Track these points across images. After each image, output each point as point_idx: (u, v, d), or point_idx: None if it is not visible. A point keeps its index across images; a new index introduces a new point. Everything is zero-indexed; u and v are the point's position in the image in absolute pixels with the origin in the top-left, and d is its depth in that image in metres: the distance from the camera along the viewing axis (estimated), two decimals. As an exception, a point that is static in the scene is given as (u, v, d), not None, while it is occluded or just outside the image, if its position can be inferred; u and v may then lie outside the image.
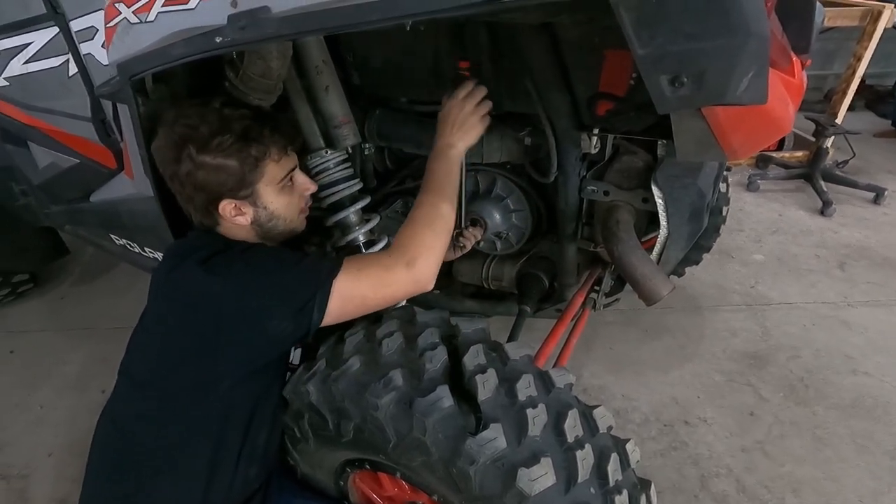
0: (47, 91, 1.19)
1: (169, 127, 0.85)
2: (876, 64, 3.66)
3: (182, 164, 0.84)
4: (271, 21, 0.66)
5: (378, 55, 1.14)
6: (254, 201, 0.89)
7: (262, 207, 0.90)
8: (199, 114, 0.84)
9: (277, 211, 0.92)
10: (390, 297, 0.87)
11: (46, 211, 1.66)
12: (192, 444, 0.88)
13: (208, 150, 0.83)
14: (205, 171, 0.84)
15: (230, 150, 0.83)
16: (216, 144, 0.82)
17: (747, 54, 0.54)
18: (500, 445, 0.71)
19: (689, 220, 1.05)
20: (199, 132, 0.83)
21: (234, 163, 0.84)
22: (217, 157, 0.83)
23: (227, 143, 0.83)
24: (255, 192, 0.89)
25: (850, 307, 2.12)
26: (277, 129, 0.89)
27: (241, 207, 0.89)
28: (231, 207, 0.88)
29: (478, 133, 0.98)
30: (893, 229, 2.71)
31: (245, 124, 0.85)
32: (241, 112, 0.86)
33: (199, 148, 0.83)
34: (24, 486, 1.46)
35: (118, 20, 0.86)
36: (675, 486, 1.42)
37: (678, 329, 2.00)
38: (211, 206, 0.88)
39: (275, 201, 0.91)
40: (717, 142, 0.70)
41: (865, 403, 1.67)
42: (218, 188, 0.85)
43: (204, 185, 0.85)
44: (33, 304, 2.24)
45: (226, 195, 0.86)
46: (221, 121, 0.84)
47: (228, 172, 0.85)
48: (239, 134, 0.84)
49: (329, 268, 0.84)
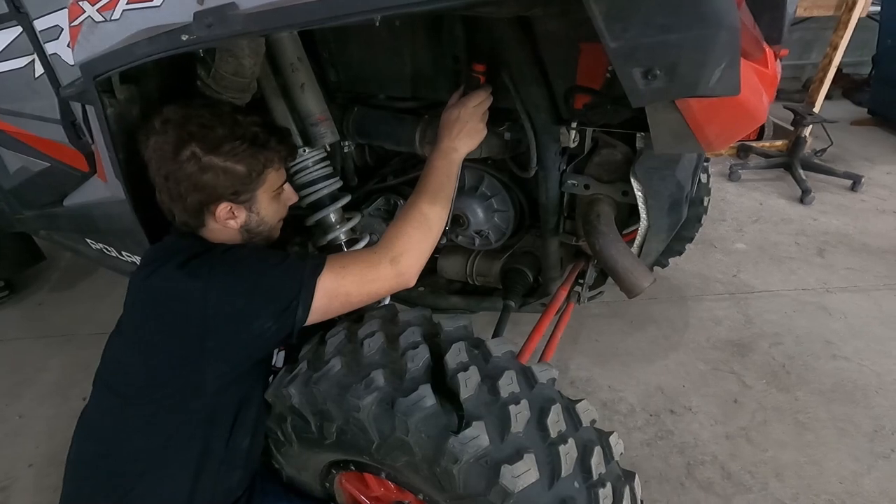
0: (14, 93, 1.15)
1: (177, 125, 0.84)
2: (852, 53, 3.73)
3: (184, 164, 0.83)
4: (238, 18, 0.65)
5: (354, 51, 1.12)
6: (249, 206, 0.90)
7: (255, 213, 0.92)
8: (215, 115, 0.85)
9: (266, 217, 0.94)
10: (374, 293, 0.87)
11: (19, 216, 1.62)
12: (175, 451, 0.87)
13: (218, 153, 0.83)
14: (212, 173, 0.84)
15: (242, 154, 0.84)
16: (229, 148, 0.83)
17: (719, 46, 0.54)
18: (482, 443, 0.71)
19: (668, 211, 1.06)
20: (214, 133, 0.83)
21: (242, 168, 0.85)
22: (227, 160, 0.84)
23: (241, 149, 0.84)
24: (254, 198, 0.90)
25: (829, 293, 2.16)
26: (283, 139, 0.92)
27: (234, 211, 0.89)
28: (226, 210, 0.88)
29: (481, 139, 0.98)
30: (871, 216, 2.77)
31: (255, 131, 0.87)
32: (252, 119, 0.88)
33: (208, 149, 0.83)
34: (4, 499, 1.43)
35: (82, 19, 0.84)
36: (662, 475, 1.44)
37: (663, 319, 2.02)
38: (205, 207, 0.87)
39: (267, 208, 0.93)
40: (692, 134, 0.70)
41: (845, 387, 1.70)
42: (221, 190, 0.86)
43: (205, 186, 0.84)
44: (10, 311, 2.19)
45: (226, 198, 0.87)
46: (235, 125, 0.85)
47: (235, 176, 0.85)
48: (251, 140, 0.85)
49: (312, 266, 0.83)
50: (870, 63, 4.07)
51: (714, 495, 1.39)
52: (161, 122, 0.84)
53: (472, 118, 0.95)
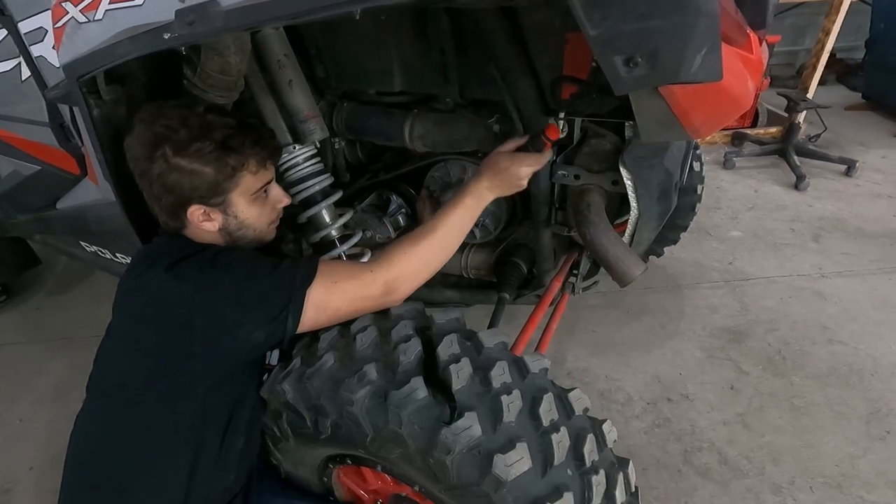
0: (2, 97, 1.15)
1: (146, 124, 0.83)
2: (845, 38, 3.72)
3: (154, 164, 0.82)
4: (219, 14, 0.65)
5: (342, 47, 1.12)
6: (224, 209, 0.89)
7: (233, 216, 0.90)
8: (182, 116, 0.83)
9: (248, 221, 0.92)
10: (363, 309, 0.89)
11: (13, 221, 1.62)
12: (170, 452, 0.87)
13: (185, 154, 0.82)
14: (178, 174, 0.82)
15: (208, 157, 0.82)
16: (195, 149, 0.81)
17: (698, 32, 0.54)
18: (475, 433, 0.71)
19: (658, 200, 1.06)
20: (178, 135, 0.81)
21: (209, 170, 0.83)
22: (193, 162, 0.82)
23: (206, 150, 0.82)
24: (227, 201, 0.88)
25: (824, 278, 2.17)
26: (259, 141, 0.88)
27: (210, 214, 0.88)
28: (200, 213, 0.87)
29: (515, 191, 0.98)
30: (865, 201, 2.77)
31: (227, 133, 0.84)
32: (226, 121, 0.85)
33: (175, 150, 0.81)
34: (6, 501, 1.44)
35: (66, 20, 0.84)
36: (660, 462, 1.45)
37: (658, 308, 2.03)
38: (179, 209, 0.86)
39: (246, 211, 0.91)
40: (678, 120, 0.70)
41: (840, 371, 1.71)
42: (189, 192, 0.84)
43: (174, 188, 0.84)
44: (7, 315, 2.19)
45: (195, 200, 0.85)
46: (203, 127, 0.83)
47: (202, 178, 0.84)
48: (219, 142, 0.83)
49: (303, 276, 0.83)
50: (863, 47, 4.06)
51: (711, 481, 1.40)
52: (137, 121, 0.84)
53: (517, 174, 0.95)
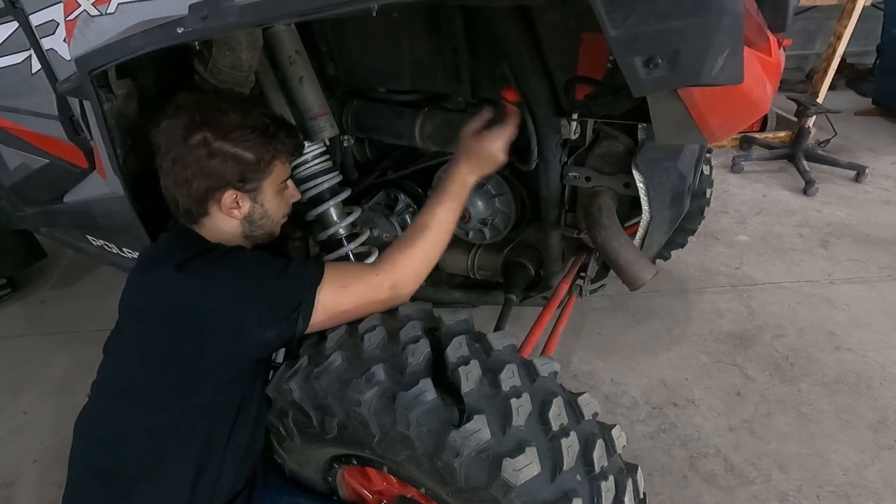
0: (11, 89, 1.15)
1: (188, 110, 0.84)
2: (856, 42, 3.68)
3: (193, 148, 0.83)
4: (233, 9, 0.64)
5: (353, 44, 1.11)
6: (255, 196, 0.91)
7: (260, 204, 0.92)
8: (224, 103, 0.86)
9: (269, 211, 0.95)
10: (371, 311, 0.91)
11: (20, 213, 1.62)
12: (176, 449, 0.86)
13: (228, 139, 0.84)
14: (220, 158, 0.84)
15: (253, 142, 0.86)
16: (240, 135, 0.84)
17: (721, 33, 0.53)
18: (484, 437, 0.70)
19: (670, 203, 1.05)
20: (227, 118, 0.84)
21: (250, 155, 0.86)
22: (237, 147, 0.85)
23: (251, 136, 0.85)
24: (259, 188, 0.91)
25: (833, 285, 2.15)
26: (291, 134, 0.94)
27: (239, 200, 0.89)
28: (232, 199, 0.88)
29: (496, 167, 0.98)
30: (875, 206, 2.75)
31: (265, 122, 0.88)
32: (263, 110, 0.91)
33: (216, 135, 0.83)
34: (9, 495, 1.44)
35: (78, 13, 0.84)
36: (665, 468, 1.44)
37: (665, 312, 2.01)
38: (211, 193, 0.87)
39: (271, 201, 0.94)
40: (695, 123, 0.69)
41: (848, 379, 1.70)
42: (228, 177, 0.86)
43: (213, 172, 0.85)
44: (13, 308, 2.19)
45: (232, 185, 0.87)
46: (247, 113, 0.86)
47: (243, 163, 0.86)
48: (260, 129, 0.87)
49: (312, 276, 0.84)
50: (874, 53, 4.03)
51: (717, 488, 1.38)
52: (175, 107, 0.85)
53: (493, 148, 0.94)
